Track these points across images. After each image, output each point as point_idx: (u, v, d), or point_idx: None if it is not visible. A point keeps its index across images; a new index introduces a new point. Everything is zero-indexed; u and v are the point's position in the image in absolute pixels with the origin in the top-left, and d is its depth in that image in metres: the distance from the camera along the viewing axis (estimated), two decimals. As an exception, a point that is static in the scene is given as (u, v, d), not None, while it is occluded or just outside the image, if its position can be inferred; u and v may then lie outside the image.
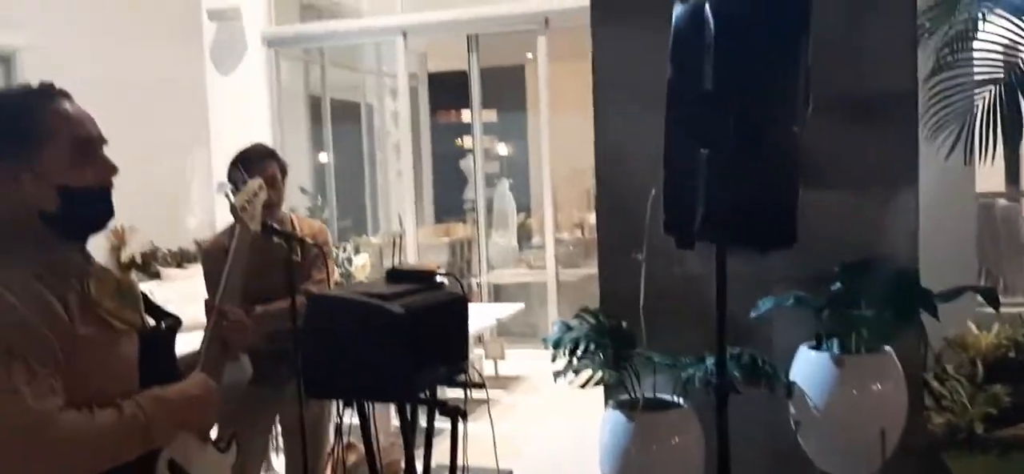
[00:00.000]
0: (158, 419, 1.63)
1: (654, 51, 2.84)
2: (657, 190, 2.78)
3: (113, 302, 1.67)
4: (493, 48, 8.50)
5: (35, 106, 1.65)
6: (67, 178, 1.64)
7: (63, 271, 1.63)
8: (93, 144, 1.70)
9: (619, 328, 3.23)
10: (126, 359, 1.69)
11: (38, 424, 1.47)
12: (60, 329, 1.56)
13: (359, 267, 6.12)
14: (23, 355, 1.49)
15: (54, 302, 1.56)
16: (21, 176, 1.61)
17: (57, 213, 1.64)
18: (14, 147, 1.62)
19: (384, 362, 2.28)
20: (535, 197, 10.57)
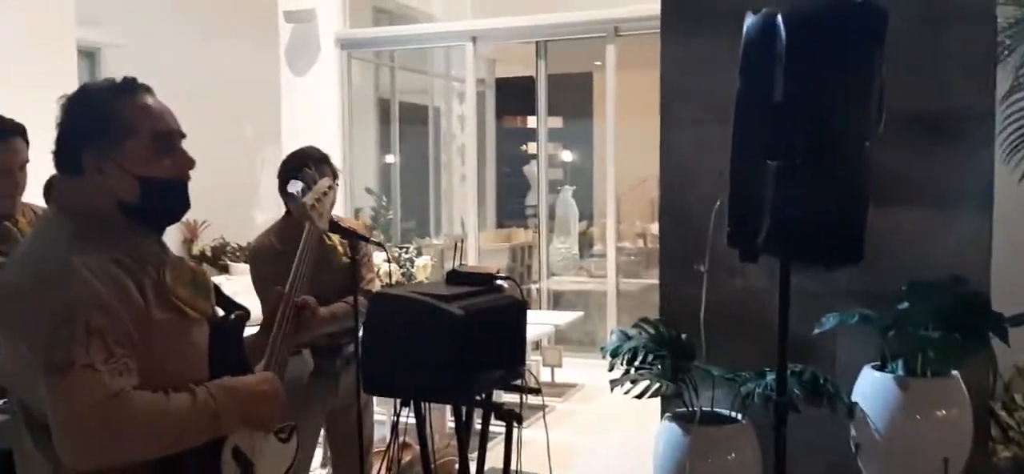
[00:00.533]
0: (228, 408, 1.67)
1: (723, 61, 2.82)
2: (722, 201, 2.75)
3: (187, 291, 1.72)
4: (561, 55, 8.51)
5: (119, 100, 1.71)
6: (147, 170, 1.70)
7: (141, 258, 1.68)
8: (173, 138, 1.75)
9: (678, 339, 3.21)
10: (197, 347, 1.73)
11: (114, 400, 1.51)
12: (136, 313, 1.61)
13: (421, 268, 6.17)
14: (101, 333, 1.54)
15: (131, 286, 1.62)
16: (105, 166, 1.68)
17: (137, 203, 1.70)
18: (99, 138, 1.68)
19: (442, 363, 2.30)
20: (598, 205, 10.53)
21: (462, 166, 9.39)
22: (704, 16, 3.71)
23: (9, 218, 2.65)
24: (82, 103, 1.72)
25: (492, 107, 10.50)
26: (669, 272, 3.76)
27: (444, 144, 10.29)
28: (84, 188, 1.69)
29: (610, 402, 3.57)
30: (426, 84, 10.39)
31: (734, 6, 2.84)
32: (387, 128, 9.27)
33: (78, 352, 1.51)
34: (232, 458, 1.75)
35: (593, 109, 11.41)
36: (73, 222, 1.66)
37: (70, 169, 1.70)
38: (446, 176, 10.23)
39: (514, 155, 12.00)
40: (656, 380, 3.13)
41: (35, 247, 1.71)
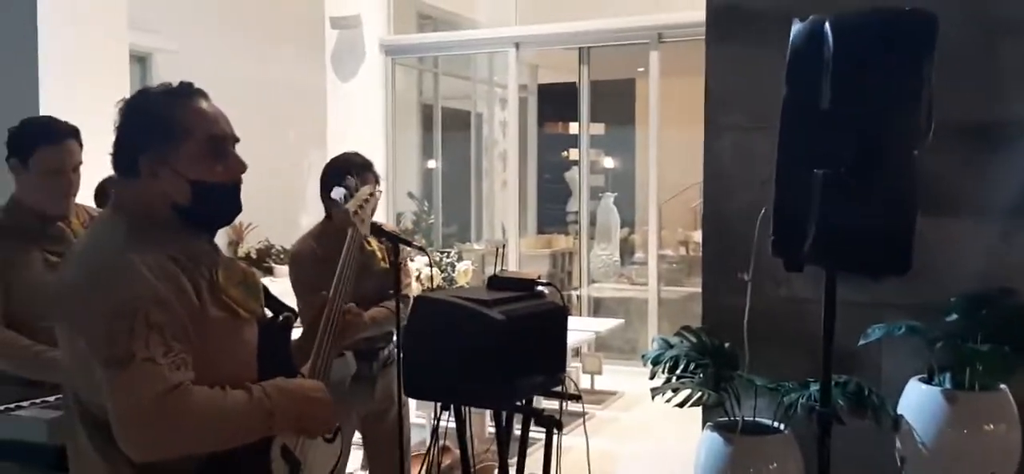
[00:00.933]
0: (281, 408, 1.69)
1: (769, 68, 2.79)
2: (767, 210, 2.73)
3: (238, 291, 1.76)
4: (604, 61, 8.50)
5: (175, 104, 1.75)
6: (201, 173, 1.73)
7: (195, 258, 1.71)
8: (226, 142, 1.79)
9: (721, 348, 3.18)
10: (248, 346, 1.76)
11: (174, 392, 1.54)
12: (191, 310, 1.64)
13: (462, 273, 6.20)
14: (160, 328, 1.57)
15: (187, 284, 1.65)
16: (159, 169, 1.71)
17: (189, 206, 1.73)
18: (155, 141, 1.71)
19: (482, 367, 2.31)
20: (639, 212, 10.48)
21: (503, 172, 9.41)
22: (750, 23, 3.68)
23: (63, 219, 2.70)
24: (140, 106, 1.76)
25: (534, 113, 10.51)
26: (712, 280, 3.74)
27: (486, 150, 10.32)
28: (140, 189, 1.72)
29: (650, 410, 3.56)
30: (469, 90, 10.43)
31: (780, 13, 2.83)
32: (429, 133, 9.33)
33: (138, 346, 1.54)
34: (281, 456, 1.77)
35: (635, 115, 11.37)
36: (129, 221, 1.70)
37: (127, 170, 1.74)
38: (487, 182, 10.25)
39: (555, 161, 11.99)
40: (698, 389, 3.11)
41: (93, 245, 1.75)
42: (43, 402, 2.31)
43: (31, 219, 2.64)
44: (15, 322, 2.55)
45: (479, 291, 2.65)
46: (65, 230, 2.68)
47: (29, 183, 2.65)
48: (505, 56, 8.30)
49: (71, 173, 2.67)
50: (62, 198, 2.67)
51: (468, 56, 9.70)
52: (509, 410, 2.57)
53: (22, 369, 2.53)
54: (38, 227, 2.64)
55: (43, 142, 2.63)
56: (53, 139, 2.64)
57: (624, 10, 7.88)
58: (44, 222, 2.66)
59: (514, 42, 8.09)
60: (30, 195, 2.66)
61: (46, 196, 2.65)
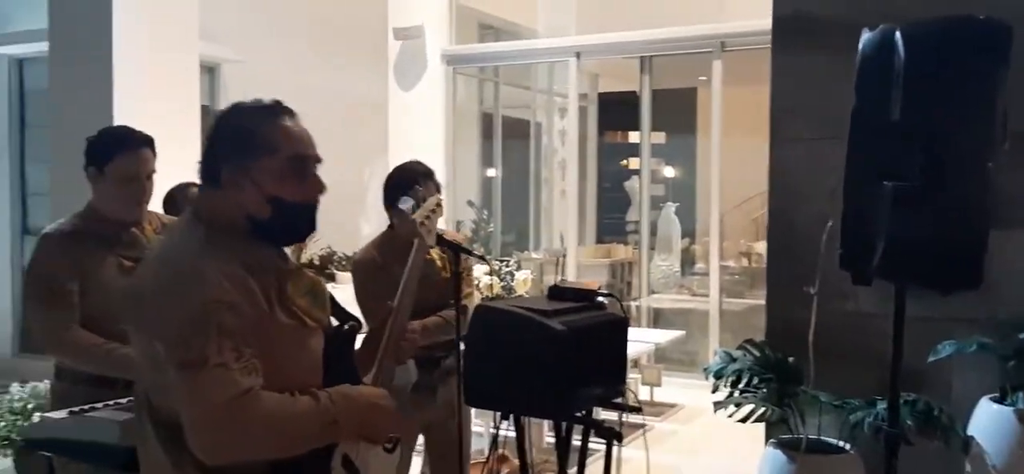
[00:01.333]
0: (345, 416, 1.71)
1: (837, 78, 2.75)
2: (834, 222, 2.68)
3: (305, 300, 1.79)
4: (666, 70, 8.44)
5: (263, 120, 1.78)
6: (280, 190, 1.76)
7: (266, 267, 1.75)
8: (309, 162, 1.81)
9: (785, 363, 3.13)
10: (314, 355, 1.79)
11: (245, 398, 1.58)
12: (262, 317, 1.68)
13: (520, 282, 6.20)
14: (231, 334, 1.61)
15: (258, 291, 1.69)
16: (241, 181, 1.75)
17: (266, 220, 1.77)
18: (241, 155, 1.75)
19: (542, 377, 2.31)
20: (701, 222, 10.37)
21: (562, 181, 9.40)
22: (816, 32, 3.63)
23: (136, 225, 2.78)
24: (230, 120, 1.81)
25: (594, 122, 10.47)
26: (776, 293, 3.68)
27: (545, 159, 10.32)
28: (220, 199, 1.76)
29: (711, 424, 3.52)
30: (528, 99, 10.46)
31: (848, 22, 2.78)
32: (489, 142, 9.37)
33: (211, 351, 1.58)
34: (342, 465, 1.79)
35: (697, 125, 11.27)
36: (206, 229, 1.74)
37: (210, 180, 1.78)
38: (546, 191, 10.25)
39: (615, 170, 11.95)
40: (761, 404, 3.06)
41: (169, 251, 1.79)
42: (115, 404, 2.38)
43: (106, 225, 2.72)
44: (91, 324, 2.63)
45: (539, 301, 2.65)
46: (138, 236, 2.76)
47: (105, 190, 2.72)
48: (565, 65, 8.30)
49: (145, 180, 2.74)
50: (136, 205, 2.75)
51: (528, 65, 9.72)
52: (569, 421, 2.56)
53: (95, 366, 2.62)
54: (113, 233, 2.72)
55: (120, 151, 2.70)
56: (129, 147, 2.72)
57: (686, 19, 7.81)
58: (119, 228, 2.73)
59: (575, 51, 8.08)
60: (106, 202, 2.73)
61: (121, 202, 2.72)
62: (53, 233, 2.72)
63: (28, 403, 4.60)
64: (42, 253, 2.69)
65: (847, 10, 3.45)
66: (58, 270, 2.64)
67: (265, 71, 6.22)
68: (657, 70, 8.04)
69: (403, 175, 3.26)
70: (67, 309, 2.62)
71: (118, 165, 2.69)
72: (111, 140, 2.75)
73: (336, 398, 1.71)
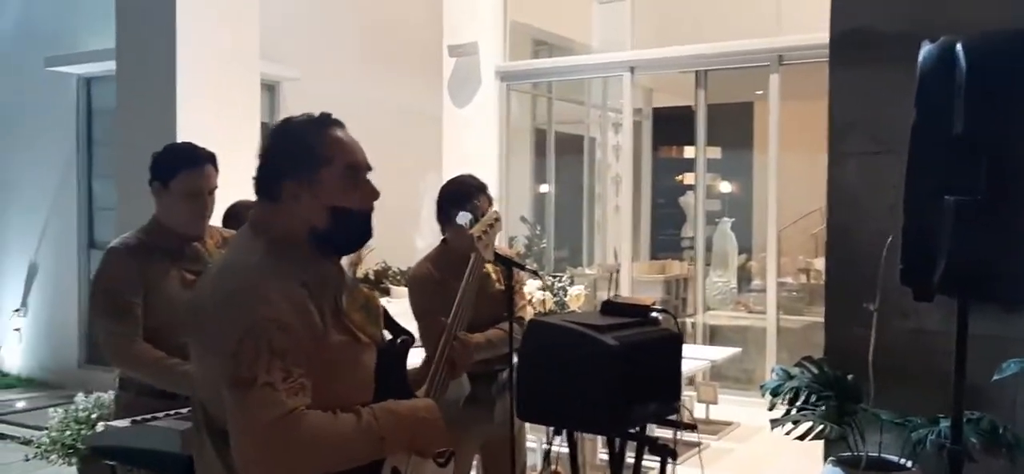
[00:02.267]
0: (391, 431, 1.73)
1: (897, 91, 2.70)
2: (894, 237, 2.63)
3: (359, 315, 1.81)
4: (722, 84, 8.36)
5: (317, 133, 1.83)
6: (338, 200, 1.80)
7: (323, 282, 1.78)
8: (362, 170, 1.86)
9: (844, 380, 3.07)
10: (366, 370, 1.81)
11: (288, 418, 1.60)
12: (315, 335, 1.70)
13: (574, 297, 6.19)
14: (282, 354, 1.64)
15: (313, 310, 1.72)
16: (301, 194, 1.79)
17: (326, 231, 1.80)
18: (298, 168, 1.79)
19: (595, 393, 2.30)
20: (757, 238, 10.23)
21: (617, 196, 9.37)
22: (875, 45, 3.57)
23: (199, 239, 2.85)
24: (284, 135, 1.85)
25: (649, 137, 10.42)
26: (835, 309, 3.62)
27: (599, 174, 10.30)
28: (281, 213, 1.80)
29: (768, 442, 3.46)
30: (582, 114, 10.45)
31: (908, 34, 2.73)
32: (543, 158, 9.38)
33: (260, 370, 1.61)
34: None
35: (754, 139, 11.14)
36: (265, 245, 1.78)
37: (269, 195, 1.82)
38: (600, 206, 10.22)
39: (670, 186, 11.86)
40: (820, 422, 3.01)
41: (229, 266, 1.83)
42: (177, 414, 2.43)
43: (170, 239, 2.79)
44: (154, 336, 2.70)
45: (593, 316, 2.65)
46: (200, 250, 2.83)
47: (170, 204, 2.79)
48: (620, 80, 8.28)
49: (208, 196, 2.81)
50: (199, 219, 2.82)
51: (582, 81, 9.72)
52: (622, 437, 2.55)
53: (154, 380, 2.68)
54: (176, 246, 2.79)
55: (185, 166, 2.78)
56: (194, 163, 2.79)
57: (743, 33, 7.74)
58: (182, 242, 2.80)
59: (629, 66, 8.06)
60: (170, 216, 2.80)
61: (185, 217, 2.79)
62: (118, 247, 2.79)
63: (92, 413, 4.72)
64: (107, 267, 2.76)
65: (906, 23, 3.39)
66: (123, 284, 2.71)
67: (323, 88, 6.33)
68: (713, 84, 7.97)
69: (458, 189, 3.27)
70: (130, 322, 2.69)
71: (182, 180, 2.76)
72: (176, 156, 2.83)
73: (380, 415, 1.73)
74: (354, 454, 1.70)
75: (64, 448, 4.68)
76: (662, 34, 8.46)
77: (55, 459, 4.74)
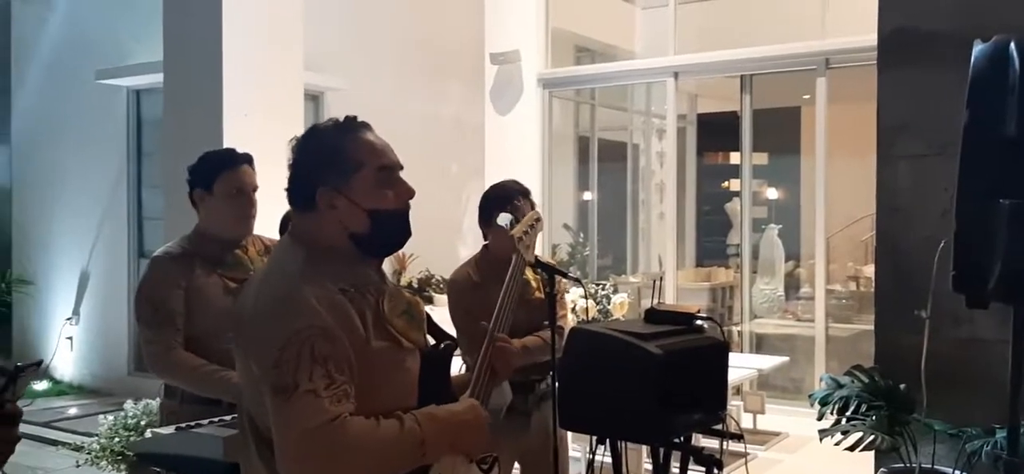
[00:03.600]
0: (432, 437, 1.72)
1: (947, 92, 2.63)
2: (946, 243, 2.56)
3: (401, 321, 1.81)
4: (767, 89, 8.26)
5: (346, 138, 1.83)
6: (374, 202, 1.80)
7: (364, 288, 1.78)
8: (394, 170, 1.86)
9: (896, 390, 3.00)
10: (410, 375, 1.81)
11: (331, 425, 1.60)
12: (357, 341, 1.70)
13: (617, 305, 6.15)
14: (324, 361, 1.64)
15: (354, 316, 1.72)
16: (337, 201, 1.79)
17: (366, 233, 1.81)
18: (330, 175, 1.80)
19: (639, 402, 2.27)
20: (805, 245, 10.08)
21: (661, 203, 9.30)
22: (924, 45, 3.49)
23: (241, 245, 2.87)
24: (313, 142, 1.85)
25: (693, 143, 10.33)
26: (886, 317, 3.54)
27: (643, 181, 10.24)
28: (318, 221, 1.81)
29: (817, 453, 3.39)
30: (625, 121, 10.40)
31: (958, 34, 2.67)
32: (585, 165, 9.35)
33: (302, 377, 1.61)
34: None
35: (800, 145, 10.98)
36: (306, 253, 1.78)
37: (304, 204, 1.82)
38: (644, 213, 10.15)
39: (715, 192, 11.74)
40: (870, 432, 2.94)
41: (270, 275, 1.84)
42: (220, 421, 2.45)
43: (212, 246, 2.83)
44: (197, 344, 2.74)
45: (636, 324, 2.61)
46: (242, 257, 2.86)
47: (214, 208, 2.84)
48: (663, 86, 8.22)
49: (251, 193, 2.86)
50: (245, 219, 2.86)
51: (625, 87, 9.67)
52: (666, 447, 2.51)
53: (194, 387, 2.71)
54: (219, 254, 2.83)
55: (224, 168, 2.85)
56: (233, 163, 2.86)
57: (788, 36, 7.64)
58: (224, 249, 2.84)
59: (673, 71, 8.00)
60: (215, 220, 2.85)
61: (231, 218, 2.84)
62: (161, 256, 2.84)
63: (141, 419, 4.80)
64: (150, 275, 2.82)
65: (955, 23, 3.31)
66: (165, 292, 2.75)
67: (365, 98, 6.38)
68: (758, 89, 7.87)
69: (500, 192, 3.28)
70: (170, 330, 2.73)
71: (224, 181, 2.82)
72: (214, 160, 2.90)
73: (422, 420, 1.72)
74: (397, 460, 1.69)
75: (113, 455, 4.76)
76: (706, 38, 8.39)
77: (105, 465, 4.83)
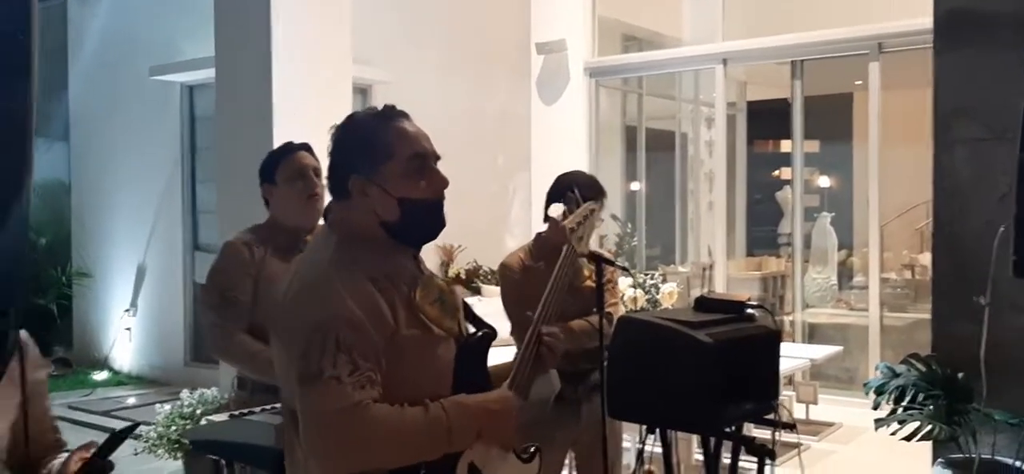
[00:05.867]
0: (458, 425, 1.72)
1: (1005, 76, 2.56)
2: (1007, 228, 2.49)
3: (434, 309, 1.81)
4: (819, 75, 8.12)
5: (380, 126, 1.84)
6: (407, 191, 1.80)
7: (396, 276, 1.79)
8: (428, 159, 1.85)
9: (954, 379, 2.93)
10: (443, 363, 1.81)
11: (353, 411, 1.61)
12: (385, 330, 1.71)
13: (666, 294, 6.09)
14: (349, 349, 1.65)
15: (383, 305, 1.72)
16: (369, 189, 1.80)
17: (398, 223, 1.81)
18: (363, 163, 1.81)
19: (689, 391, 2.25)
20: (858, 233, 9.90)
21: (710, 192, 9.20)
22: (982, 27, 3.39)
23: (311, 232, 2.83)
24: (349, 131, 1.87)
25: (743, 131, 10.20)
26: (943, 305, 3.46)
27: (691, 170, 10.14)
28: (351, 209, 1.82)
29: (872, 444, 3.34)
30: (674, 109, 10.30)
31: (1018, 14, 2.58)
32: (633, 155, 9.28)
33: (326, 365, 1.63)
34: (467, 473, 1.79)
35: (853, 131, 10.78)
36: (338, 240, 1.80)
37: (339, 192, 1.84)
38: (693, 203, 10.06)
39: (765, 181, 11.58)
40: (928, 422, 2.88)
41: (305, 263, 1.86)
42: (272, 409, 2.48)
43: (283, 235, 2.89)
44: (262, 330, 2.68)
45: (685, 313, 2.58)
46: None
47: (281, 195, 2.91)
48: (712, 73, 8.12)
49: (313, 176, 2.91)
50: (309, 200, 2.90)
51: (673, 75, 9.58)
52: (718, 436, 2.48)
53: (252, 371, 2.76)
54: (289, 242, 2.85)
55: (283, 157, 2.94)
56: (290, 151, 2.95)
57: (840, 20, 7.49)
58: (294, 237, 2.86)
59: (722, 58, 7.90)
60: (284, 208, 2.92)
61: (294, 202, 2.90)
62: (234, 243, 2.92)
63: (197, 408, 4.89)
64: (220, 260, 2.90)
65: (1014, 3, 3.21)
66: (231, 277, 2.83)
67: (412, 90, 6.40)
68: (809, 75, 7.73)
69: (557, 184, 3.29)
70: (234, 315, 2.79)
71: (284, 168, 2.91)
72: (274, 152, 3.00)
73: (448, 407, 1.72)
74: (421, 446, 1.69)
75: (170, 442, 4.86)
76: (755, 24, 8.26)
77: (162, 453, 4.93)
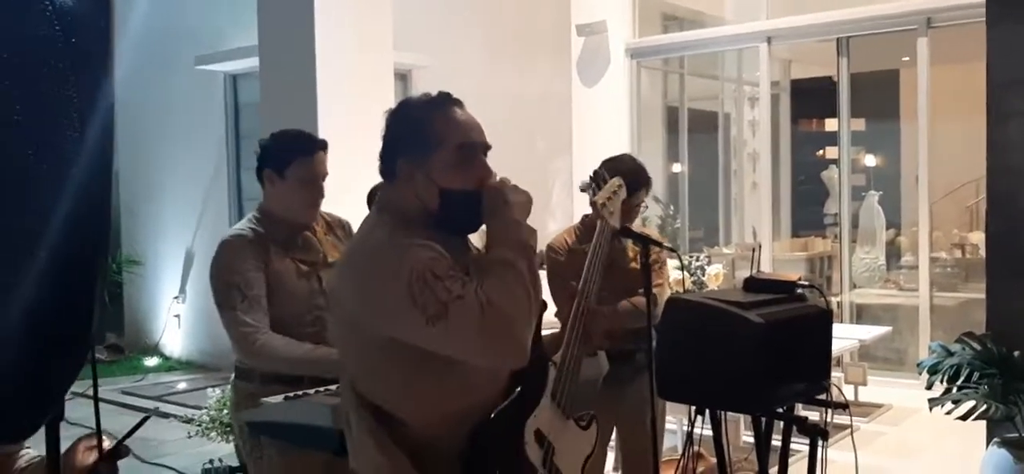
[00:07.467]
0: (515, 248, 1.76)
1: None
2: (1066, 203, 2.42)
3: None
4: (864, 52, 7.97)
5: (431, 113, 1.84)
6: (449, 180, 1.80)
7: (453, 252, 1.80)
8: (475, 150, 1.85)
9: (1010, 358, 2.88)
10: None
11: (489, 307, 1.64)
12: None
13: (712, 276, 6.04)
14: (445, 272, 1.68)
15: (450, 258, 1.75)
16: (415, 173, 1.81)
17: (438, 211, 1.82)
18: (412, 148, 1.82)
19: (739, 372, 2.22)
20: (907, 212, 9.74)
21: (754, 173, 9.09)
22: (1040, -4, 3.30)
23: (309, 228, 2.80)
24: (401, 115, 1.88)
25: (787, 110, 10.06)
26: (998, 283, 3.39)
27: (734, 151, 10.03)
28: (399, 192, 1.84)
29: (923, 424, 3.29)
30: (716, 89, 10.19)
31: (1081, -20, 2.50)
32: (675, 136, 9.20)
33: (442, 295, 1.65)
34: (534, 439, 1.81)
35: (900, 109, 10.58)
36: (393, 221, 1.81)
37: (388, 174, 1.86)
38: (736, 184, 9.95)
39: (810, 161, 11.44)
40: (983, 401, 2.83)
41: (364, 243, 1.88)
42: (326, 390, 2.49)
43: (281, 228, 2.74)
44: (278, 327, 2.64)
45: (734, 293, 2.56)
46: (311, 239, 2.78)
47: (283, 191, 2.72)
48: (755, 52, 8.02)
49: (322, 182, 2.76)
50: (312, 206, 2.76)
51: (715, 55, 9.48)
52: (769, 417, 2.46)
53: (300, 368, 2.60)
54: (289, 236, 2.74)
55: (300, 154, 2.72)
56: (309, 150, 2.74)
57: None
58: (293, 231, 2.75)
59: (765, 36, 7.79)
60: (282, 203, 2.74)
61: (298, 203, 2.73)
62: (233, 239, 2.71)
63: (247, 393, 4.96)
64: (227, 259, 2.66)
65: (1078, -31, 3.12)
66: (249, 275, 2.62)
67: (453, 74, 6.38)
68: (855, 52, 7.59)
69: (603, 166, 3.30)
70: (260, 313, 2.61)
71: (299, 167, 2.70)
72: (290, 143, 2.77)
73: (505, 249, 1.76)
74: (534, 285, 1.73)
75: (222, 426, 4.94)
76: (800, 1, 8.13)
77: (215, 436, 5.02)
